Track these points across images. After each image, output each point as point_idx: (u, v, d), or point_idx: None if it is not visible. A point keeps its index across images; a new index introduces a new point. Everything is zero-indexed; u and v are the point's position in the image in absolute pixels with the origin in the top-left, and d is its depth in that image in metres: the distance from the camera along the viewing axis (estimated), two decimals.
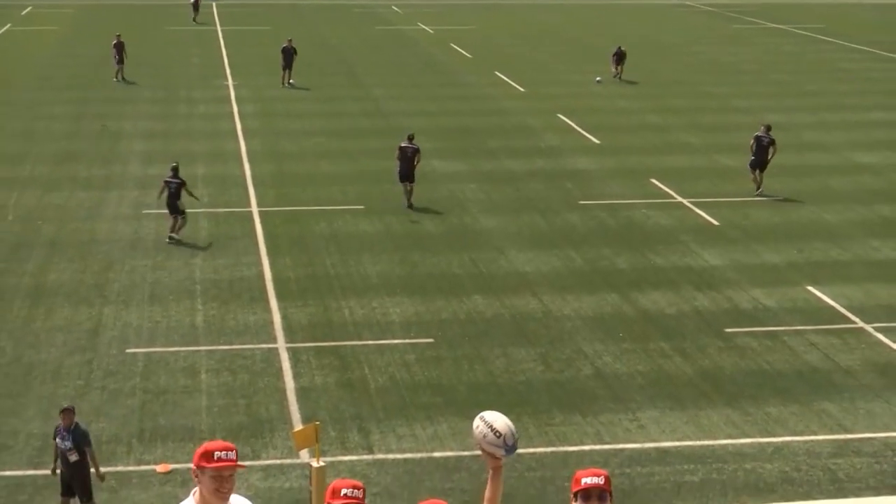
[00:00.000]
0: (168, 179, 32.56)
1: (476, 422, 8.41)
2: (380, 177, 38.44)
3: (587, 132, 46.07)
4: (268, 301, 28.10)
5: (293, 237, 32.71)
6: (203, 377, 24.00)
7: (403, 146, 35.71)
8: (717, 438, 21.94)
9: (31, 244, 31.83)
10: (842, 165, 41.68)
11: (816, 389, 23.89)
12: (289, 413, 22.49)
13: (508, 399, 22.75)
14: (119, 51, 55.15)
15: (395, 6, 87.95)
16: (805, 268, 30.95)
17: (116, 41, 55.40)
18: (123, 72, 55.34)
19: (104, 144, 42.96)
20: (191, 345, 25.57)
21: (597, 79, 57.16)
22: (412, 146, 35.61)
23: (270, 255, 31.21)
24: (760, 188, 36.96)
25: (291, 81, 55.11)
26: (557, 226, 34.16)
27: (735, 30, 79.26)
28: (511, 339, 26.09)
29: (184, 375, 24.07)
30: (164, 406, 22.72)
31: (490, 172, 39.86)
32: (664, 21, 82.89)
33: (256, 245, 32.08)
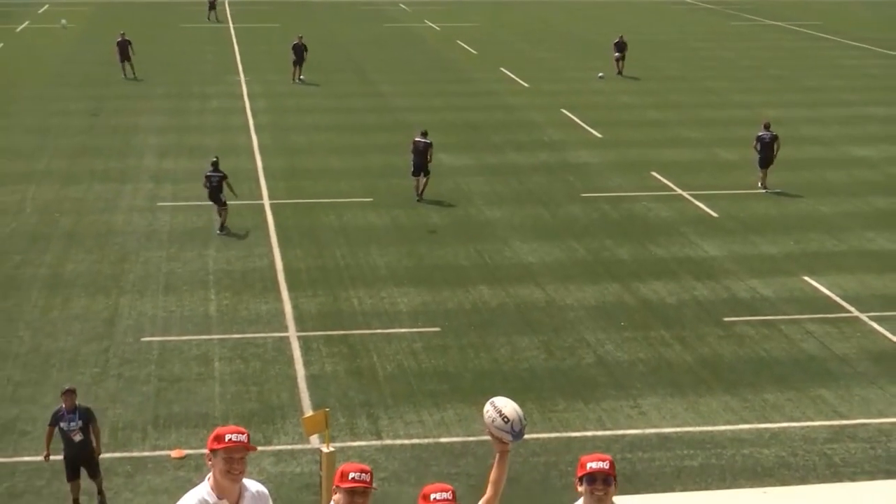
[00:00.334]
0: (209, 174, 32.62)
1: (486, 406, 8.43)
2: (387, 171, 38.45)
3: (589, 126, 46.03)
4: (279, 291, 28.12)
5: (303, 229, 32.72)
6: (216, 365, 24.04)
7: (417, 140, 35.74)
8: (716, 424, 21.94)
9: (49, 236, 31.88)
10: (838, 159, 41.62)
11: (813, 377, 23.89)
12: (299, 400, 22.52)
13: (513, 386, 22.75)
14: (123, 49, 55.03)
15: (403, 4, 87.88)
16: (801, 258, 30.93)
17: (120, 39, 55.31)
18: (133, 68, 55.12)
19: (120, 139, 42.98)
20: (204, 333, 25.61)
21: (599, 75, 57.09)
22: (425, 141, 35.62)
23: (281, 247, 31.23)
24: (765, 187, 36.76)
25: (302, 78, 55.09)
26: (560, 218, 34.15)
27: (734, 26, 79.13)
28: (515, 328, 26.10)
29: (197, 363, 24.11)
30: (179, 393, 22.76)
31: (495, 166, 39.85)
32: (665, 18, 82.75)
33: (268, 237, 32.10)
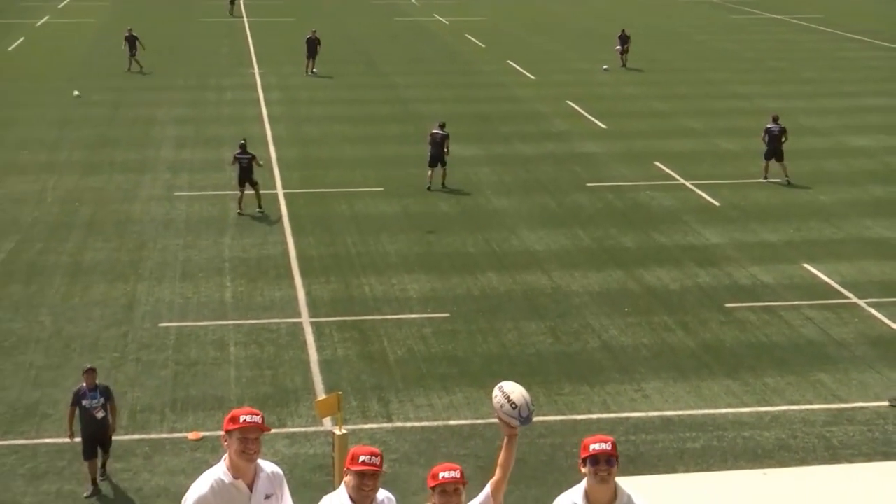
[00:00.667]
0: (238, 155, 32.78)
1: (495, 391, 8.43)
2: (398, 161, 38.45)
3: (594, 118, 45.95)
4: (293, 278, 28.14)
5: (316, 218, 32.72)
6: (232, 350, 24.06)
7: (434, 132, 35.74)
8: (718, 407, 21.93)
9: (70, 225, 31.93)
10: (836, 149, 41.51)
11: (812, 361, 23.85)
12: (312, 383, 22.54)
13: (520, 370, 22.75)
14: (131, 43, 54.93)
15: None
16: (801, 246, 30.87)
17: (128, 34, 55.27)
18: (140, 63, 54.89)
19: (138, 130, 43.01)
20: (220, 319, 25.63)
21: (604, 67, 56.99)
22: (442, 132, 35.62)
23: (295, 235, 31.25)
24: (780, 179, 36.50)
25: (315, 70, 55.06)
26: (566, 206, 34.12)
27: (735, 20, 78.87)
28: (522, 314, 26.09)
29: (213, 348, 24.14)
30: (195, 377, 22.79)
31: (503, 156, 39.80)
32: (668, 11, 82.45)
33: (282, 225, 32.11)
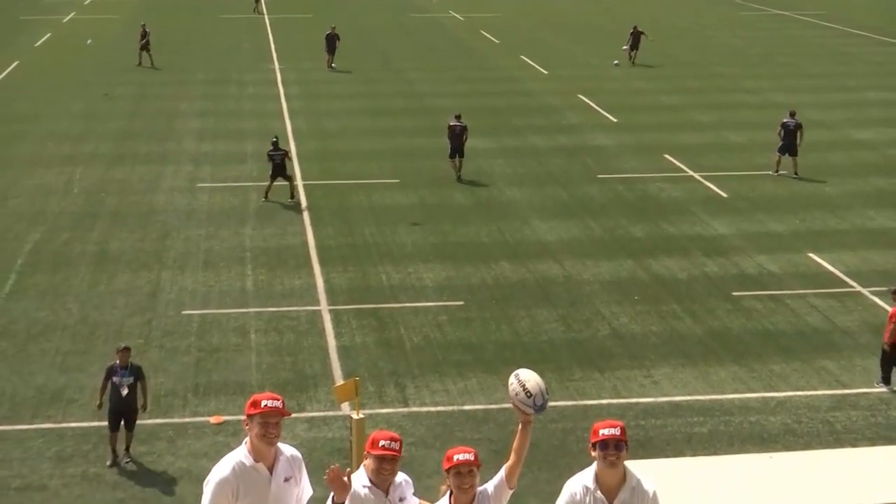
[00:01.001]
0: (271, 153, 32.96)
1: (511, 379, 8.42)
2: (414, 153, 38.44)
3: (605, 111, 45.87)
4: (312, 267, 28.16)
5: (335, 209, 32.73)
6: (253, 336, 24.10)
7: (452, 125, 35.75)
8: (725, 393, 21.91)
9: (96, 215, 31.99)
10: (840, 141, 41.38)
11: (817, 348, 23.81)
12: (331, 369, 22.57)
13: (532, 357, 22.75)
14: (143, 37, 54.89)
15: None
16: (806, 236, 30.79)
17: (142, 30, 55.24)
18: (151, 58, 54.89)
19: (161, 123, 43.07)
20: (241, 307, 25.67)
21: (614, 62, 56.86)
22: (460, 124, 35.64)
23: (314, 225, 31.26)
24: (788, 172, 36.31)
25: (334, 65, 55.02)
26: (578, 198, 34.08)
27: (743, 16, 78.59)
28: (535, 302, 26.08)
29: (235, 335, 24.18)
30: (217, 363, 22.84)
31: (516, 149, 39.76)
32: (678, 7, 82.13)
33: (301, 216, 32.13)
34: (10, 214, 31.98)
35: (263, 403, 8.03)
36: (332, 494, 8.09)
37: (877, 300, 26.26)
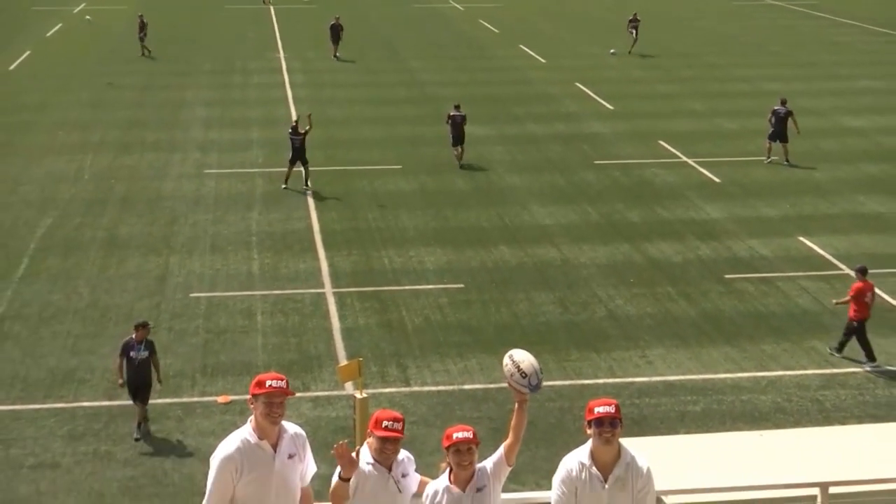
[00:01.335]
0: (291, 136, 32.85)
1: (506, 360, 8.40)
2: (415, 140, 38.42)
3: (602, 99, 45.82)
4: (316, 251, 28.18)
5: (338, 194, 32.73)
6: (259, 318, 24.13)
7: (453, 115, 35.76)
8: (717, 373, 21.95)
9: (105, 201, 32.00)
10: (831, 129, 41.32)
11: (807, 329, 23.83)
12: (335, 350, 22.61)
13: (531, 338, 22.77)
14: (141, 29, 54.77)
15: None
16: (797, 220, 30.79)
17: (140, 21, 55.10)
18: (146, 48, 54.60)
19: (169, 112, 43.03)
20: (248, 290, 25.70)
21: (611, 51, 56.76)
22: (460, 114, 35.69)
23: (318, 210, 31.27)
24: (779, 158, 36.23)
25: (338, 55, 54.92)
26: (575, 183, 34.07)
27: (736, 6, 78.29)
28: (533, 285, 26.10)
29: (242, 317, 24.21)
30: (224, 344, 22.88)
31: (515, 136, 39.73)
32: None
33: (306, 201, 32.12)
34: (23, 201, 31.99)
35: (268, 384, 8.04)
36: (339, 470, 8.12)
37: None
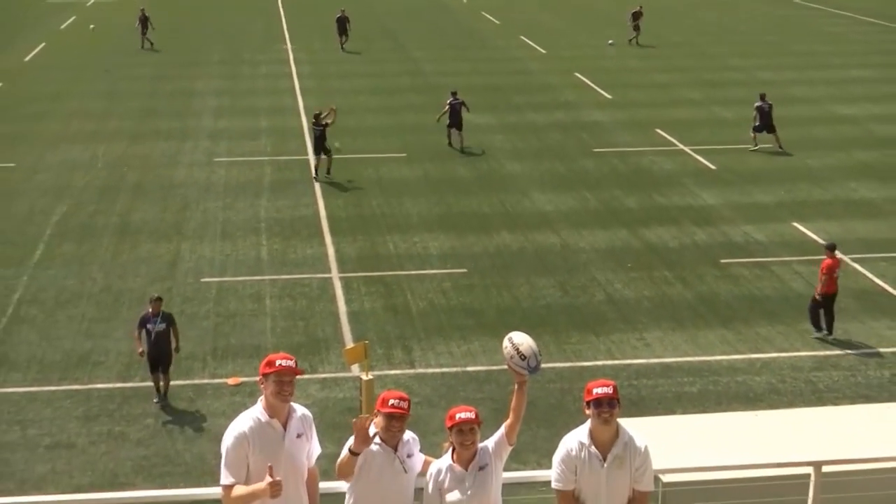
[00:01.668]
0: (314, 126, 32.95)
1: (505, 342, 8.41)
2: (419, 128, 38.38)
3: (601, 89, 45.76)
4: (323, 237, 28.19)
5: (344, 182, 32.72)
6: (267, 302, 24.16)
7: (452, 102, 35.80)
8: (713, 355, 21.96)
9: (118, 188, 32.03)
10: (824, 117, 41.26)
11: (800, 312, 23.77)
12: (341, 333, 22.64)
13: (531, 321, 22.80)
14: (143, 23, 54.57)
15: None
16: (791, 206, 30.77)
17: (141, 14, 54.92)
18: (150, 40, 54.43)
19: (179, 101, 43.02)
20: (257, 275, 25.73)
21: (609, 42, 56.67)
22: (457, 101, 35.74)
23: (325, 197, 31.28)
24: (772, 146, 36.15)
25: (344, 47, 54.84)
26: (574, 171, 34.05)
27: None
28: (534, 270, 26.11)
29: (251, 301, 24.25)
30: (234, 327, 22.91)
31: (515, 124, 39.70)
32: None
33: (313, 188, 32.14)
34: (38, 188, 32.03)
35: (278, 363, 8.07)
36: (350, 444, 8.13)
37: (858, 267, 26.28)
